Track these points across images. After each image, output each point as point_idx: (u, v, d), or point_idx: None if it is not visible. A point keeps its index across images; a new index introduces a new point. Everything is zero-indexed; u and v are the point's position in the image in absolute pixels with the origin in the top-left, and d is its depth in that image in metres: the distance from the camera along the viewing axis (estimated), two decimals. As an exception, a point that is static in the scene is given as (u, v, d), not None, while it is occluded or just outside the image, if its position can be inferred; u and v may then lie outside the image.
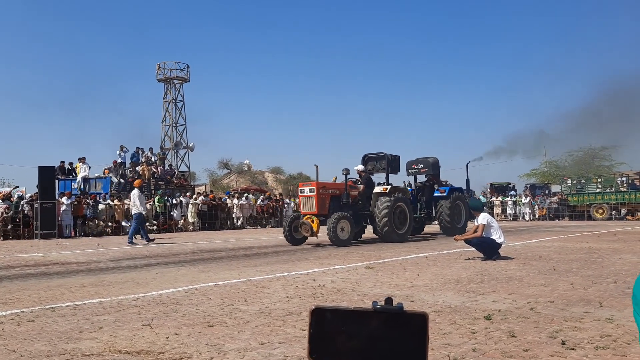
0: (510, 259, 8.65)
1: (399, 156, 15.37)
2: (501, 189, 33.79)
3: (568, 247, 10.93)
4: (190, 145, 41.70)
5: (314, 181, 13.37)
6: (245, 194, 26.35)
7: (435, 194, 16.17)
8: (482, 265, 7.90)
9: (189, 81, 43.48)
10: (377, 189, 13.86)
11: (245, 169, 55.99)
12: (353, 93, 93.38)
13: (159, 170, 25.02)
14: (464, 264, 8.08)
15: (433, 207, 16.07)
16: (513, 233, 16.40)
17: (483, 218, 8.70)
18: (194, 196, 23.67)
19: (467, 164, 18.72)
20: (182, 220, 22.50)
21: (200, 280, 6.85)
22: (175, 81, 42.84)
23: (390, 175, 14.70)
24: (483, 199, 30.15)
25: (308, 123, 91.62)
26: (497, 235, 8.61)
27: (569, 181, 32.41)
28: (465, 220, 16.34)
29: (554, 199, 30.71)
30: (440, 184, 16.79)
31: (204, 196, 24.12)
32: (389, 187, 13.94)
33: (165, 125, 43.10)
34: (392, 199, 13.27)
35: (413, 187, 16.94)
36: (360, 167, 14.32)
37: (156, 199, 22.11)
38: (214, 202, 23.83)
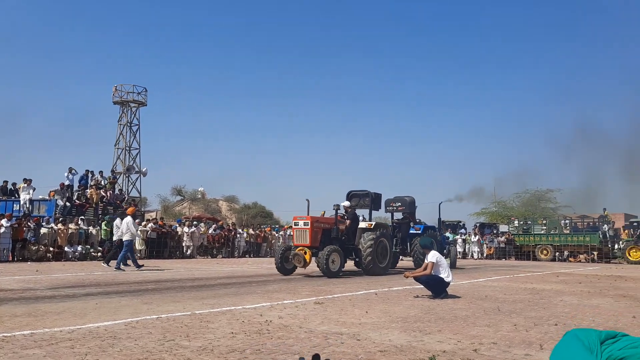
0: (458, 297, 8.77)
1: (380, 194, 16.32)
2: (451, 227, 34.48)
3: (513, 287, 11.19)
4: (143, 170, 40.77)
5: (308, 215, 13.90)
6: (196, 222, 25.84)
7: (411, 231, 17.40)
8: (430, 303, 7.96)
9: (146, 105, 42.88)
10: (362, 225, 14.89)
11: (199, 196, 55.11)
12: (312, 127, 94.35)
13: (108, 194, 24.25)
14: (413, 302, 8.12)
15: (408, 243, 17.08)
16: (462, 271, 16.69)
17: (432, 256, 8.81)
18: (143, 223, 23.00)
19: (440, 204, 20.14)
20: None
21: (142, 312, 6.59)
22: (132, 104, 42.13)
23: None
24: (451, 237, 30.61)
25: (266, 153, 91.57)
26: (445, 274, 8.72)
27: (516, 222, 33.47)
28: None
29: (502, 238, 31.56)
30: (415, 221, 17.98)
31: (154, 223, 23.48)
32: (373, 223, 15.03)
33: (118, 148, 42.12)
34: (377, 234, 14.20)
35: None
36: (347, 203, 14.98)
37: (103, 224, 21.37)
38: (163, 230, 23.22)
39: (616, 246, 28.55)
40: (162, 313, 6.49)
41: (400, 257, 17.78)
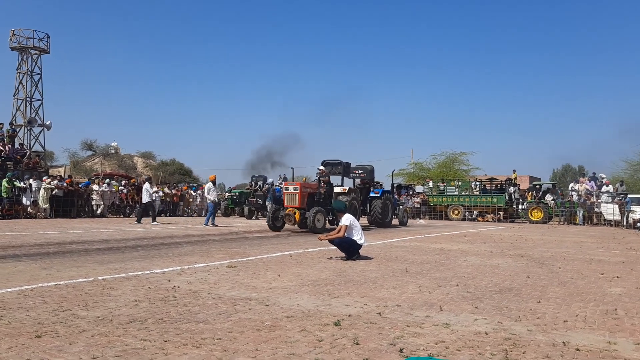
0: (370, 259, 9.00)
1: (350, 163, 19.23)
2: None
3: (423, 247, 11.68)
4: (47, 123, 38.02)
5: (297, 181, 17.30)
6: (108, 180, 24.63)
7: (371, 195, 19.96)
8: (342, 265, 8.11)
9: (48, 52, 39.66)
10: (337, 189, 17.79)
11: (112, 151, 52.55)
12: (233, 80, 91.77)
13: (7, 148, 22.44)
14: (326, 264, 8.23)
15: (368, 205, 19.72)
16: (377, 231, 17.22)
17: (346, 219, 8.94)
18: (47, 180, 21.56)
19: (393, 171, 24.57)
20: (29, 207, 20.38)
21: (39, 279, 6.18)
22: (32, 51, 38.82)
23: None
24: (404, 199, 31.50)
25: (187, 106, 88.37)
26: (358, 237, 8.90)
27: (431, 183, 34.92)
28: (392, 216, 20.44)
29: (417, 199, 32.88)
30: (374, 186, 20.74)
31: (59, 180, 22.09)
32: (347, 188, 18.16)
33: (17, 99, 38.87)
34: (350, 197, 17.31)
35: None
36: (323, 167, 17.56)
37: (4, 181, 19.81)
38: (70, 188, 21.92)
39: (520, 207, 30.68)
40: (62, 279, 6.13)
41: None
